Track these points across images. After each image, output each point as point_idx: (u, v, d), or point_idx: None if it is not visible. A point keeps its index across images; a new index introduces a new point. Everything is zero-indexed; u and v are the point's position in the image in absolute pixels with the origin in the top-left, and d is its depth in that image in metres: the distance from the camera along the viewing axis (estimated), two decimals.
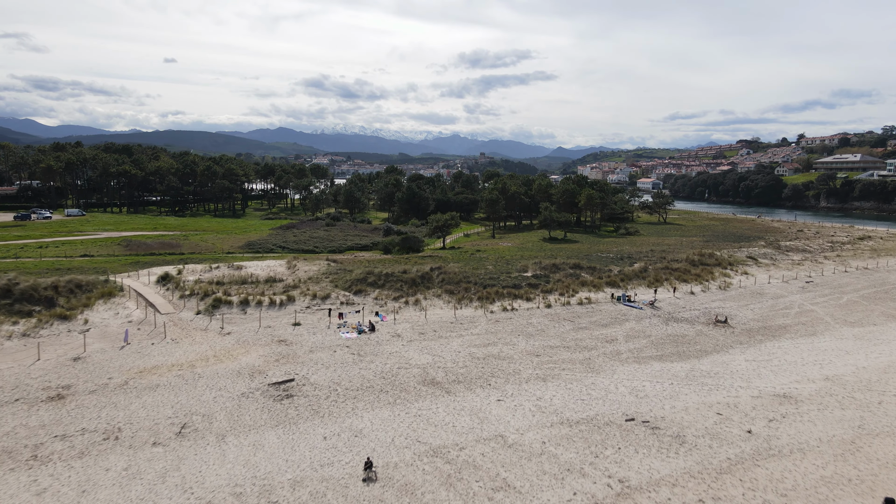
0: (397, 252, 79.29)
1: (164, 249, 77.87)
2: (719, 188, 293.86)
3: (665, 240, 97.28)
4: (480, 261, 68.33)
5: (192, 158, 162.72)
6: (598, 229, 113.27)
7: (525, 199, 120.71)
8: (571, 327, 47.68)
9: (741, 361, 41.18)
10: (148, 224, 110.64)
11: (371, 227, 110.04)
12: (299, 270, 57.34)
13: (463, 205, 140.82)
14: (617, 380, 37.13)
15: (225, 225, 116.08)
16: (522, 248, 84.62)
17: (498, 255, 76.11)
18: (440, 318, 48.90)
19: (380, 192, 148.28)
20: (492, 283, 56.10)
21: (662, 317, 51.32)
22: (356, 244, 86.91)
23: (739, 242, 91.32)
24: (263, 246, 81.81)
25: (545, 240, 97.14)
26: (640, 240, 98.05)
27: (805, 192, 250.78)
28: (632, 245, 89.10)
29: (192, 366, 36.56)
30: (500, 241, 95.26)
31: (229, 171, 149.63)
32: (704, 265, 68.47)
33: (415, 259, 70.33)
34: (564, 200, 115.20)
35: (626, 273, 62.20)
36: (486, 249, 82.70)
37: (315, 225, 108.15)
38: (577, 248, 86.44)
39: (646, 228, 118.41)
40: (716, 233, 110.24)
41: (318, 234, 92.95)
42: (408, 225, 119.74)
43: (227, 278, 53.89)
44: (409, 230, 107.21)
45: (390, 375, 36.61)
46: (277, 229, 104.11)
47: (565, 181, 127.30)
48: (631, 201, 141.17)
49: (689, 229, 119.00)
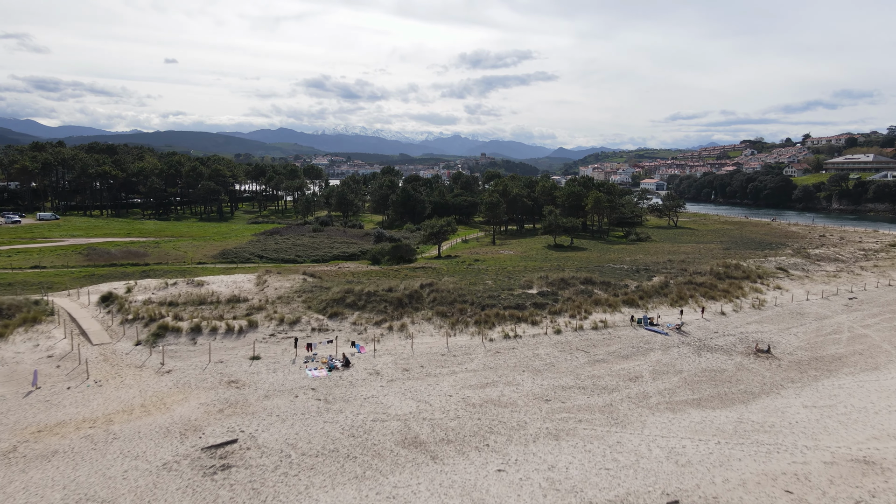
0: (387, 262, 71.55)
1: (128, 259, 70.17)
2: (726, 189, 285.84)
3: (680, 247, 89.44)
4: (479, 274, 60.58)
5: (178, 159, 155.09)
6: (606, 235, 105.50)
7: (528, 202, 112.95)
8: (586, 360, 39.85)
9: (798, 408, 33.37)
10: (123, 229, 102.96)
11: (362, 232, 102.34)
12: (269, 288, 49.61)
13: (462, 208, 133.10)
14: (648, 436, 29.36)
15: (206, 230, 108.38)
16: (525, 258, 76.85)
17: (498, 265, 68.36)
18: (430, 348, 41.10)
19: (374, 194, 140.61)
20: (491, 302, 48.34)
21: (693, 345, 43.50)
22: (343, 253, 79.15)
23: (763, 250, 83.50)
24: (239, 255, 74.08)
25: (550, 247, 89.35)
26: (652, 247, 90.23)
27: (816, 193, 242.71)
28: (645, 253, 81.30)
29: (108, 420, 28.80)
30: (501, 249, 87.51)
31: (216, 171, 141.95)
32: (731, 279, 60.66)
33: (405, 271, 62.60)
34: (570, 204, 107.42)
35: (646, 289, 54.40)
36: (485, 259, 74.94)
37: (301, 230, 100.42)
38: (586, 256, 78.64)
39: (656, 233, 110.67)
40: (733, 238, 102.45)
41: (302, 241, 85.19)
42: (402, 229, 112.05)
43: (183, 298, 46.18)
44: (403, 236, 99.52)
45: (362, 432, 28.85)
46: (260, 235, 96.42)
47: (570, 183, 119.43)
48: (639, 204, 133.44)
49: (703, 234, 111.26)
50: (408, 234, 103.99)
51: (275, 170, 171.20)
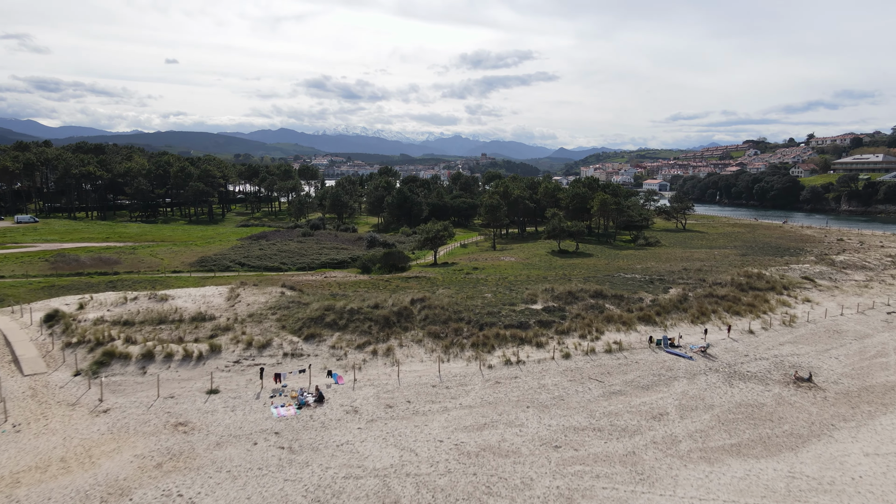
0: (378, 271, 66.02)
1: (97, 268, 64.68)
2: (731, 190, 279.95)
3: (693, 253, 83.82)
4: (477, 285, 55.04)
5: (167, 159, 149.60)
6: (612, 239, 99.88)
7: (530, 204, 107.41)
8: (601, 392, 34.27)
9: (859, 456, 27.80)
10: (102, 233, 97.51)
11: (355, 236, 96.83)
12: (241, 303, 44.09)
13: (461, 210, 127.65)
14: (683, 499, 23.81)
15: (191, 234, 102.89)
16: (528, 265, 71.28)
17: (499, 274, 62.82)
18: (419, 377, 35.54)
19: (370, 195, 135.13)
20: (491, 320, 42.79)
21: (722, 371, 37.91)
22: (331, 260, 73.61)
23: (783, 257, 77.91)
24: (219, 263, 68.56)
25: (554, 253, 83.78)
26: (664, 252, 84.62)
27: (824, 194, 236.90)
28: (657, 260, 75.71)
29: (14, 482, 23.26)
30: (502, 255, 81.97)
31: (205, 172, 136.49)
32: (756, 290, 55.05)
33: (396, 282, 57.06)
34: (575, 206, 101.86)
35: (663, 304, 48.79)
36: (484, 267, 69.38)
37: (291, 234, 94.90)
38: (593, 263, 73.09)
39: (665, 237, 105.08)
40: (747, 243, 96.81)
41: (288, 247, 79.64)
42: (398, 233, 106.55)
43: (141, 315, 40.69)
44: (398, 240, 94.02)
45: (329, 495, 23.30)
46: (246, 240, 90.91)
47: (575, 184, 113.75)
48: (646, 205, 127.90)
49: (714, 238, 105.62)
50: (403, 238, 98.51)
51: (268, 170, 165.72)
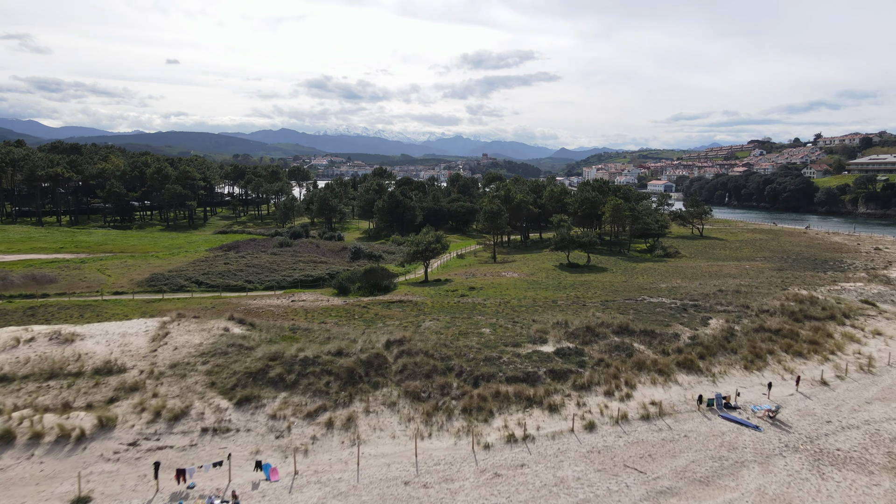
0: (357, 291, 56.09)
1: (27, 288, 54.83)
2: (741, 191, 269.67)
3: (721, 266, 73.75)
4: (473, 312, 45.10)
5: (145, 159, 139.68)
6: (626, 249, 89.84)
7: (534, 209, 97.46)
8: (643, 491, 24.18)
9: None
10: (58, 242, 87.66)
11: (339, 245, 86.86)
12: (167, 346, 34.16)
13: (458, 215, 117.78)
14: None
15: (159, 242, 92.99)
16: (533, 283, 61.27)
17: (500, 296, 52.91)
18: (387, 466, 25.53)
19: (360, 198, 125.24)
20: (488, 370, 32.84)
21: (803, 450, 27.87)
22: (305, 277, 63.64)
23: (826, 271, 67.89)
24: (172, 281, 58.62)
25: (562, 266, 73.82)
26: (687, 266, 74.60)
27: (840, 196, 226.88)
28: (681, 276, 65.73)
29: None
30: (503, 269, 72.04)
31: (184, 174, 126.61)
32: (813, 320, 45.04)
33: (375, 308, 47.12)
34: (584, 212, 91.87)
35: (705, 342, 38.77)
36: (482, 285, 59.38)
37: (267, 244, 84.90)
38: (609, 281, 63.12)
39: (683, 245, 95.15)
40: (775, 253, 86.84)
41: (259, 261, 69.59)
42: (388, 241, 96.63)
43: (29, 366, 30.81)
44: (386, 250, 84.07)
45: None
46: (216, 250, 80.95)
47: (583, 188, 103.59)
48: (660, 209, 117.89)
49: (737, 247, 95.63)
50: (393, 247, 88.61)
51: (254, 171, 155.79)
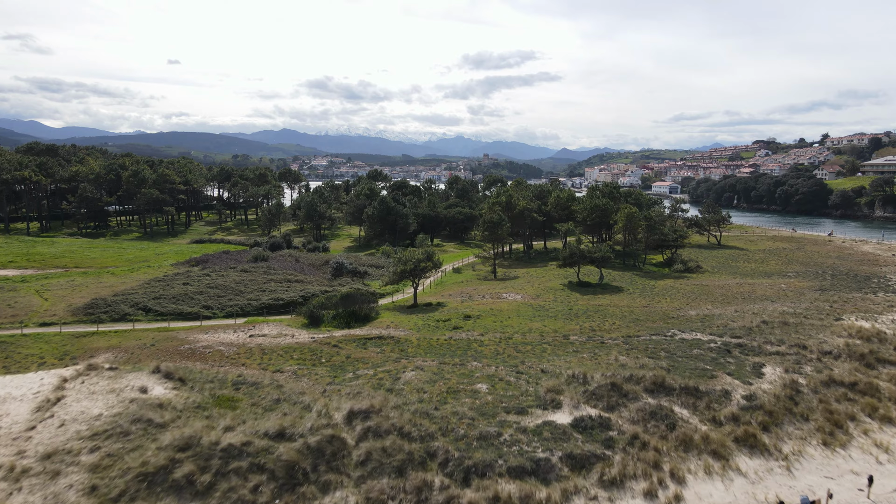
0: (332, 322, 47.29)
1: None
2: (751, 193, 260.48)
3: (753, 286, 64.80)
4: (466, 356, 36.31)
5: (122, 162, 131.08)
6: (640, 262, 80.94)
7: (538, 217, 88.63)
8: None
9: None
10: (9, 254, 78.93)
11: (322, 259, 77.99)
12: (55, 418, 25.46)
13: (456, 222, 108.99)
14: None
15: (123, 254, 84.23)
16: (540, 310, 52.36)
17: (500, 329, 44.15)
18: None
19: (349, 204, 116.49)
20: (484, 456, 24.06)
21: None
22: (275, 300, 54.78)
23: (875, 292, 58.94)
24: (115, 308, 49.84)
25: (572, 286, 64.97)
26: (713, 284, 65.69)
27: (856, 199, 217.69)
28: (710, 298, 56.86)
29: None
30: (504, 289, 63.23)
31: (162, 177, 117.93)
32: (888, 364, 36.20)
33: (348, 347, 38.34)
34: (594, 221, 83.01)
35: (766, 405, 29.91)
36: (480, 313, 50.50)
37: (241, 257, 76.04)
38: (627, 305, 54.29)
39: (702, 256, 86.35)
40: (806, 266, 77.92)
41: (224, 280, 60.63)
42: (377, 252, 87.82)
43: None
44: (375, 263, 75.30)
45: None
46: (182, 265, 72.17)
47: (592, 193, 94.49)
48: (674, 215, 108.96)
49: (761, 258, 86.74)
50: (382, 259, 79.83)
51: (241, 174, 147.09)
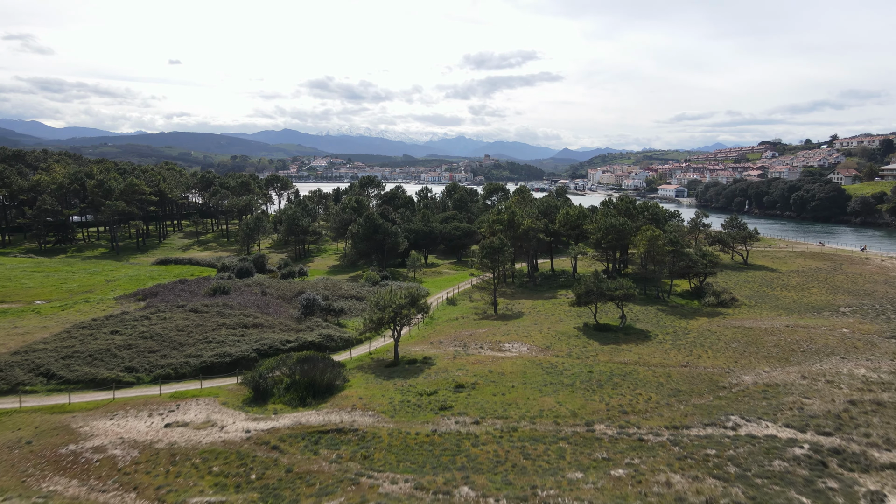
0: (283, 396, 36.28)
1: None
2: (763, 199, 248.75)
3: (810, 329, 53.61)
4: (454, 463, 25.30)
5: (89, 169, 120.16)
6: (665, 292, 69.73)
7: (545, 237, 77.56)
8: None
9: None
10: None
11: (295, 288, 66.82)
12: None
13: (453, 238, 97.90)
14: None
15: (68, 281, 73.26)
16: (552, 372, 41.23)
17: (502, 409, 33.13)
18: None
19: (334, 218, 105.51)
20: None
21: None
22: (221, 356, 43.70)
23: None
24: (6, 375, 38.79)
25: (588, 330, 53.87)
26: (759, 328, 54.52)
27: (876, 205, 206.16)
28: (761, 350, 45.79)
29: None
30: (506, 334, 52.16)
31: (130, 187, 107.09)
32: None
33: (291, 452, 27.34)
34: (609, 243, 71.87)
35: None
36: (476, 376, 39.41)
37: (198, 288, 64.84)
38: (661, 363, 43.23)
39: (731, 281, 75.40)
40: (854, 295, 66.87)
41: (164, 327, 49.22)
42: (363, 278, 76.72)
43: None
44: (356, 293, 64.24)
45: None
46: (127, 299, 61.13)
47: (607, 210, 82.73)
48: (696, 230, 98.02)
49: (799, 283, 75.66)
50: (366, 288, 68.81)
51: (221, 182, 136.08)
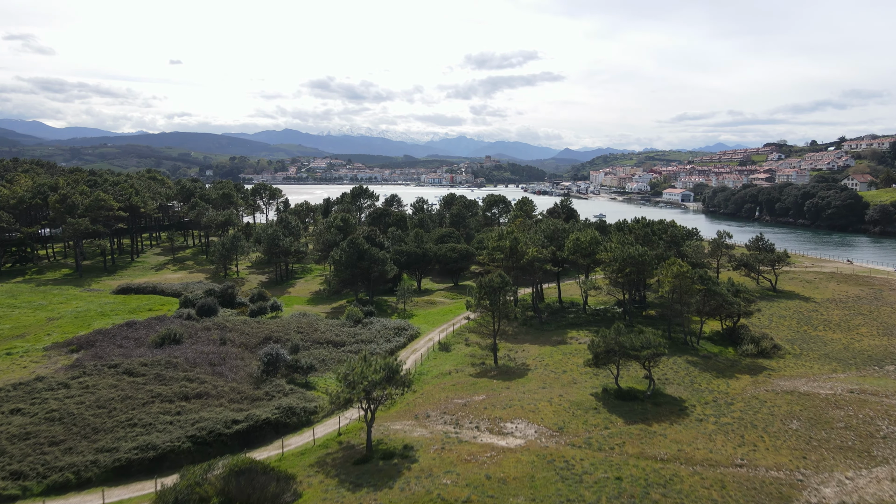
0: None
1: None
2: (775, 205, 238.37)
3: (880, 398, 43.97)
4: None
5: (55, 182, 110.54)
6: (693, 336, 59.85)
7: (552, 268, 67.97)
8: None
9: None
10: None
11: (260, 334, 57.08)
12: None
13: (449, 260, 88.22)
14: None
15: (5, 317, 63.72)
16: (567, 475, 31.59)
17: None
18: None
19: (318, 238, 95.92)
20: None
21: None
22: (143, 448, 34.08)
23: None
24: None
25: (609, 398, 44.22)
26: (813, 391, 44.83)
27: None
28: (829, 432, 36.22)
29: None
30: (508, 408, 42.53)
31: (96, 202, 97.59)
32: None
33: None
34: (626, 276, 62.14)
35: None
36: (469, 481, 29.82)
37: (146, 334, 55.10)
38: (706, 456, 33.68)
39: (762, 317, 65.89)
40: None
41: (83, 403, 39.54)
42: (345, 313, 67.03)
43: None
44: (335, 335, 54.75)
45: None
46: (58, 350, 51.55)
47: (623, 238, 71.92)
48: (715, 248, 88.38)
49: (843, 319, 66.11)
50: (346, 329, 59.23)
51: (201, 195, 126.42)
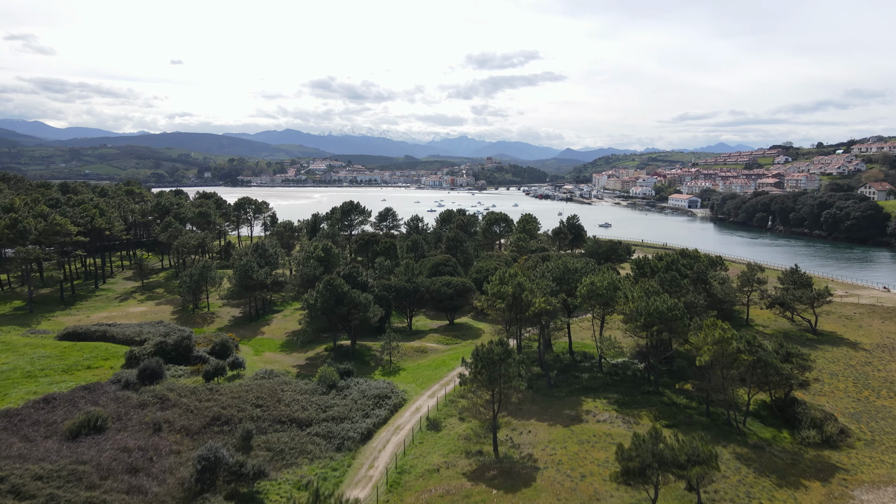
0: None
1: None
2: (789, 215, 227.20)
3: None
4: None
5: (10, 202, 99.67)
6: (738, 417, 49.15)
7: (562, 319, 57.40)
8: None
9: None
10: None
11: (210, 412, 46.66)
12: None
13: (443, 297, 77.58)
14: None
15: None
16: None
17: None
18: None
19: (297, 266, 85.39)
20: None
21: None
22: None
23: None
24: None
25: None
26: None
27: None
28: None
29: None
30: None
31: (51, 226, 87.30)
32: None
33: None
34: (654, 337, 51.41)
35: None
36: None
37: (71, 408, 44.53)
38: None
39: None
40: None
41: None
42: (315, 377, 56.44)
43: None
44: (300, 411, 44.56)
45: None
46: None
47: (646, 284, 59.80)
48: (744, 282, 78.11)
49: None
50: (315, 400, 48.74)
51: (177, 213, 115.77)
